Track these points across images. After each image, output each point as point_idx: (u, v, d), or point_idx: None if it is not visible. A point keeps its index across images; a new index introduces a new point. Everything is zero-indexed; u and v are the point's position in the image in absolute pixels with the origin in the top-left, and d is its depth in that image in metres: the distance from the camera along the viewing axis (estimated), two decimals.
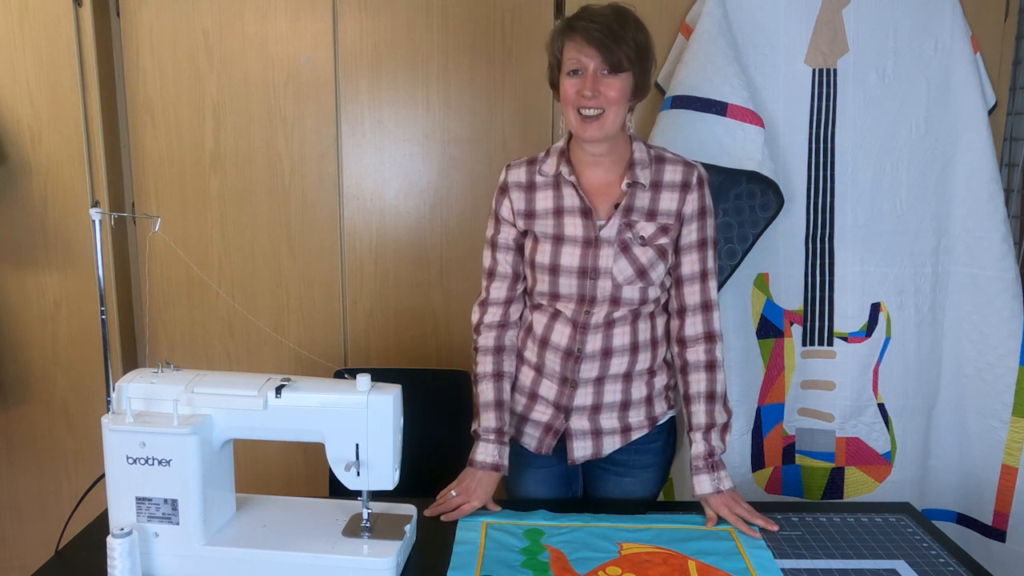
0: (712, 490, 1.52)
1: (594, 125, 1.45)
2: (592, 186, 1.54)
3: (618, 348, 1.55)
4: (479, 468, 1.55)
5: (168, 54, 2.24)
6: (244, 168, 2.29)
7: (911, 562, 1.37)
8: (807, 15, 2.03)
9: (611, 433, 1.60)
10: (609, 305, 1.53)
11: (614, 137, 1.50)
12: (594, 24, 1.42)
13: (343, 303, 2.36)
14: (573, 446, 1.61)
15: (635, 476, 1.64)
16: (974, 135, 2.03)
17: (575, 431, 1.60)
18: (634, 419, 1.60)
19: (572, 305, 1.54)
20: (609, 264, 1.51)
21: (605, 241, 1.51)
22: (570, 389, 1.58)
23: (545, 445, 1.62)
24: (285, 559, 1.28)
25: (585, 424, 1.60)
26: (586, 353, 1.55)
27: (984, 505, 2.12)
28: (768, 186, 1.98)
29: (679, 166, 1.55)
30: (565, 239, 1.53)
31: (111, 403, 1.30)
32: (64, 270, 2.29)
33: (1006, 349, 2.04)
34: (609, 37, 1.41)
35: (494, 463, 1.56)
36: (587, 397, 1.58)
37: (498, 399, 1.60)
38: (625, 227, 1.51)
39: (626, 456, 1.63)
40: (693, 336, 1.58)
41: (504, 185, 1.59)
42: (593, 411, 1.59)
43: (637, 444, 1.62)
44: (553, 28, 1.51)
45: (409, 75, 2.25)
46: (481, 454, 1.57)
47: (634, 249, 1.51)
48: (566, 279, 1.53)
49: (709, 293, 1.57)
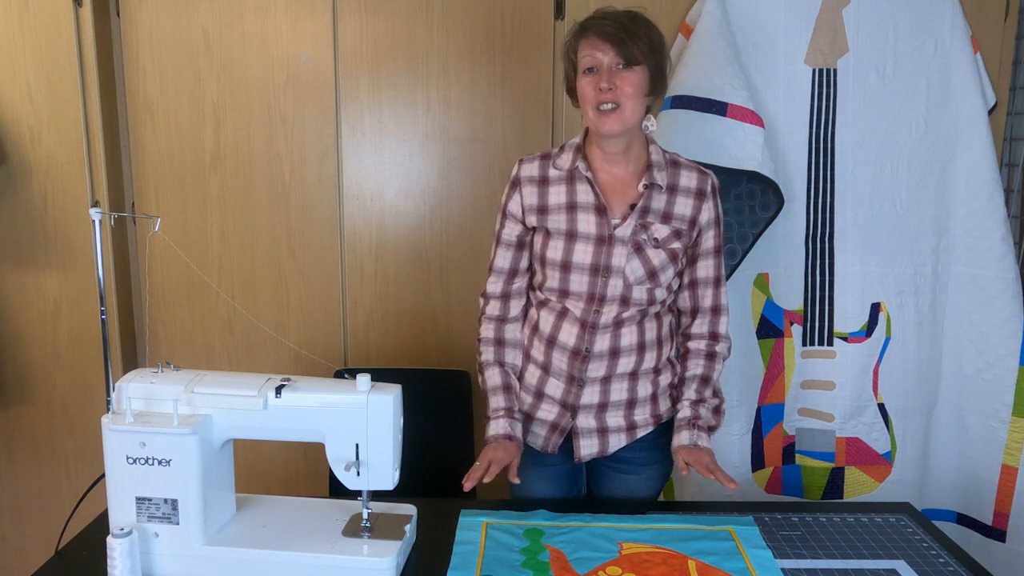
0: (689, 443, 1.51)
1: (612, 118, 1.45)
2: (607, 184, 1.54)
3: (626, 348, 1.56)
4: (494, 440, 1.55)
5: (168, 54, 2.24)
6: (244, 168, 2.29)
7: (911, 562, 1.37)
8: (807, 15, 2.03)
9: (617, 431, 1.61)
10: (619, 305, 1.53)
11: (631, 135, 1.50)
12: (606, 21, 1.45)
13: (343, 303, 2.36)
14: (579, 444, 1.61)
15: (639, 473, 1.65)
16: (974, 135, 2.04)
17: (581, 429, 1.61)
18: (639, 417, 1.61)
19: (581, 304, 1.54)
20: (622, 263, 1.51)
21: (619, 240, 1.51)
22: (577, 388, 1.58)
23: (551, 444, 1.62)
24: (285, 559, 1.28)
25: (591, 422, 1.60)
26: (594, 353, 1.55)
27: (984, 505, 2.12)
28: (768, 186, 1.98)
29: (694, 172, 1.56)
30: (578, 236, 1.52)
31: (111, 403, 1.30)
32: (64, 270, 2.29)
33: (1006, 349, 2.04)
34: (622, 32, 1.43)
35: (507, 433, 1.55)
36: (594, 396, 1.58)
37: (505, 383, 1.61)
38: (640, 228, 1.52)
39: (631, 453, 1.63)
40: (699, 332, 1.61)
41: (516, 179, 1.58)
42: (599, 409, 1.59)
43: (642, 442, 1.62)
44: (568, 32, 1.52)
45: (409, 75, 2.25)
46: (492, 429, 1.57)
47: (647, 250, 1.52)
48: (577, 276, 1.53)
49: (721, 298, 1.61)
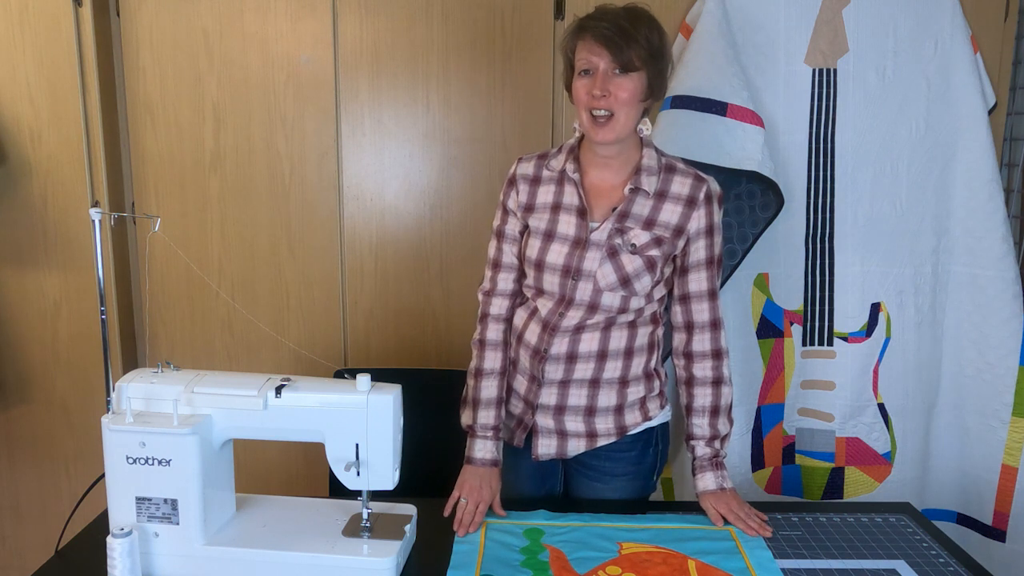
0: (716, 487, 1.53)
1: (606, 128, 1.43)
2: (594, 187, 1.53)
3: (584, 354, 1.54)
4: (479, 465, 1.55)
5: (168, 54, 2.24)
6: (244, 168, 2.29)
7: (911, 562, 1.37)
8: (807, 15, 2.03)
9: (576, 436, 1.60)
10: (585, 311, 1.52)
11: (625, 139, 1.49)
12: (604, 23, 1.40)
13: (343, 303, 2.36)
14: (538, 442, 1.61)
15: (606, 483, 1.63)
16: (974, 135, 2.03)
17: (541, 428, 1.61)
18: (600, 426, 1.59)
19: (550, 304, 1.54)
20: (593, 267, 1.49)
21: (594, 244, 1.49)
22: (536, 387, 1.58)
23: (516, 437, 1.64)
24: (285, 559, 1.28)
25: (550, 423, 1.60)
26: (551, 355, 1.54)
27: (984, 505, 2.12)
28: (768, 186, 1.98)
29: (689, 179, 1.52)
30: (556, 236, 1.52)
31: (111, 403, 1.30)
32: (64, 270, 2.29)
33: (1006, 349, 2.04)
34: (620, 36, 1.39)
35: (493, 459, 1.57)
36: (551, 397, 1.58)
37: (499, 396, 1.60)
38: (616, 232, 1.49)
39: (596, 461, 1.62)
40: (701, 352, 1.57)
41: (512, 177, 1.60)
42: (557, 411, 1.59)
43: (606, 451, 1.60)
44: (567, 28, 1.49)
45: (409, 75, 2.25)
46: (480, 451, 1.57)
47: (622, 256, 1.49)
48: (550, 276, 1.53)
49: (717, 312, 1.58)
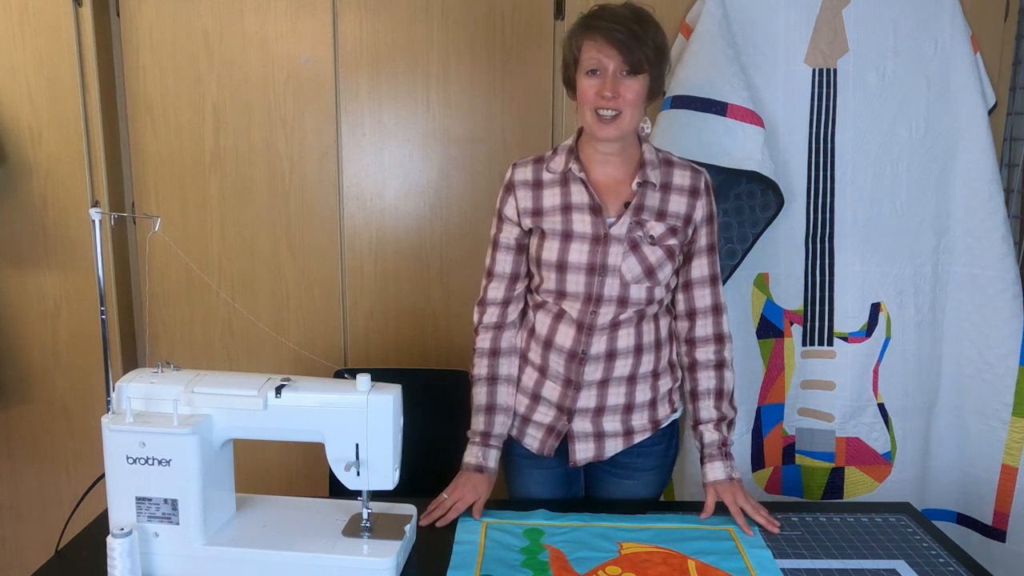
0: (725, 477, 1.53)
1: (611, 126, 1.45)
2: (601, 183, 1.54)
3: (623, 350, 1.55)
4: (465, 469, 1.58)
5: (168, 54, 2.24)
6: (244, 168, 2.29)
7: (911, 562, 1.37)
8: (807, 15, 2.03)
9: (613, 436, 1.60)
10: (617, 306, 1.52)
11: (627, 136, 1.50)
12: (616, 25, 1.40)
13: (343, 303, 2.36)
14: (575, 448, 1.60)
15: (637, 478, 1.64)
16: (974, 135, 2.03)
17: (577, 433, 1.60)
18: (637, 422, 1.60)
19: (578, 305, 1.53)
20: (618, 261, 1.50)
21: (615, 238, 1.51)
22: (573, 391, 1.57)
23: (547, 447, 1.61)
24: (285, 559, 1.28)
25: (588, 426, 1.59)
26: (591, 355, 1.54)
27: (984, 505, 2.12)
28: (768, 186, 1.98)
29: (687, 171, 1.55)
30: (574, 235, 1.52)
31: (111, 403, 1.30)
32: (64, 270, 2.29)
33: (1006, 349, 2.04)
34: (631, 38, 1.39)
35: (477, 464, 1.57)
36: (590, 399, 1.57)
37: (489, 403, 1.60)
38: (635, 225, 1.51)
39: (628, 458, 1.62)
40: (703, 337, 1.59)
41: (510, 184, 1.58)
42: (596, 413, 1.58)
43: (639, 447, 1.61)
44: (571, 25, 1.49)
45: (409, 75, 2.25)
46: (467, 455, 1.59)
47: (643, 248, 1.51)
48: (574, 276, 1.52)
49: (719, 296, 1.59)
